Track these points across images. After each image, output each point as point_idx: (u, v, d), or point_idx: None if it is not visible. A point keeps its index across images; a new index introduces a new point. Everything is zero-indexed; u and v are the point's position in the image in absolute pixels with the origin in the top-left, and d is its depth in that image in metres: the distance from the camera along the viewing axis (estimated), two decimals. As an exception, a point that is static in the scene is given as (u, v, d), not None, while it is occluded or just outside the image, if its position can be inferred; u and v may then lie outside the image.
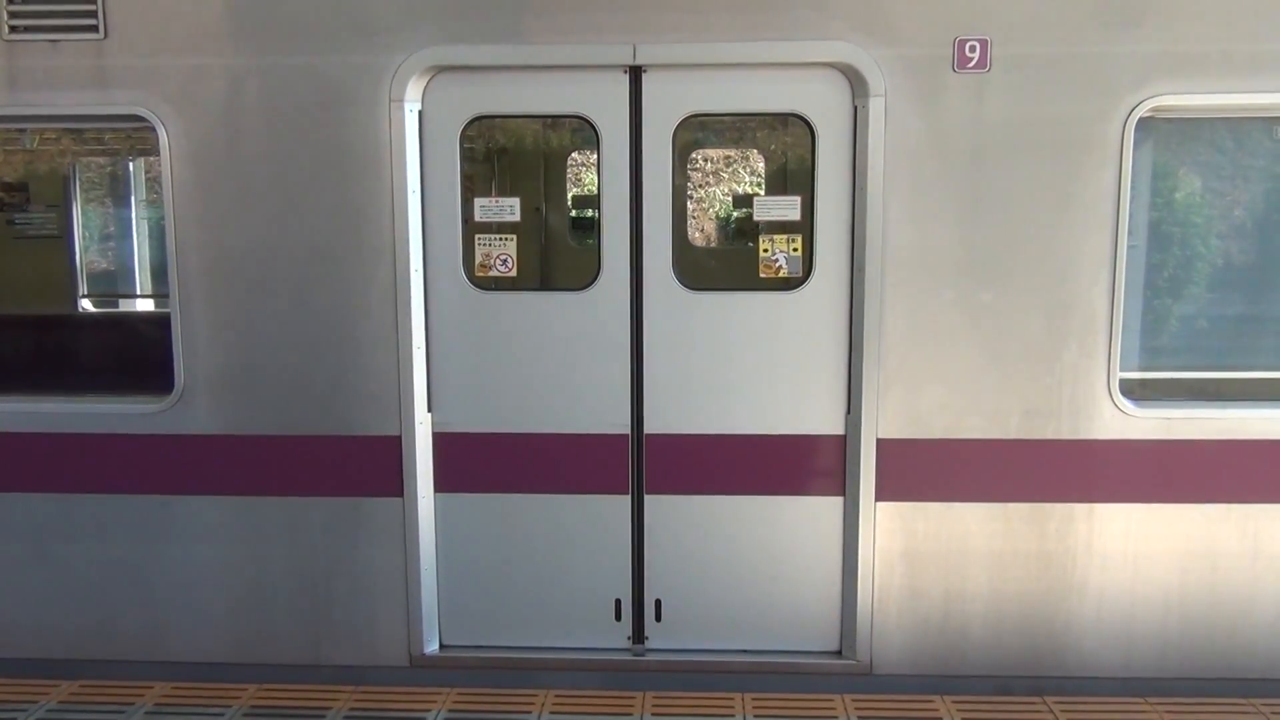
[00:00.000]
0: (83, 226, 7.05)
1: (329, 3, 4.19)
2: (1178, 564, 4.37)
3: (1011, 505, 4.35)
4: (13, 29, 4.28)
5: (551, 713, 4.34)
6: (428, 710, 4.38)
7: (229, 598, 4.57)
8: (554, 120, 5.00)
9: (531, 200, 6.54)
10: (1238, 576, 4.36)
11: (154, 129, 4.28)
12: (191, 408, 4.46)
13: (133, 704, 4.43)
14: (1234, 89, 4.08)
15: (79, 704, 4.42)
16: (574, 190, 7.77)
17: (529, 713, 4.33)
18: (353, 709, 4.39)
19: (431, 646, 4.60)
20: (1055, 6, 4.06)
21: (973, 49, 4.11)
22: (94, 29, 4.25)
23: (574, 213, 7.21)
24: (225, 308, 4.39)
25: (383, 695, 4.50)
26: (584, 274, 4.42)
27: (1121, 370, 4.31)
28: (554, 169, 6.66)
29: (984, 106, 4.13)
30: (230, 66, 4.24)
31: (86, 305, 7.46)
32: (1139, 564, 4.37)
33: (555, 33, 4.18)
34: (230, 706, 4.40)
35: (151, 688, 4.59)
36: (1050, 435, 4.29)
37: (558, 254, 6.64)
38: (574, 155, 7.69)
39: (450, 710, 4.38)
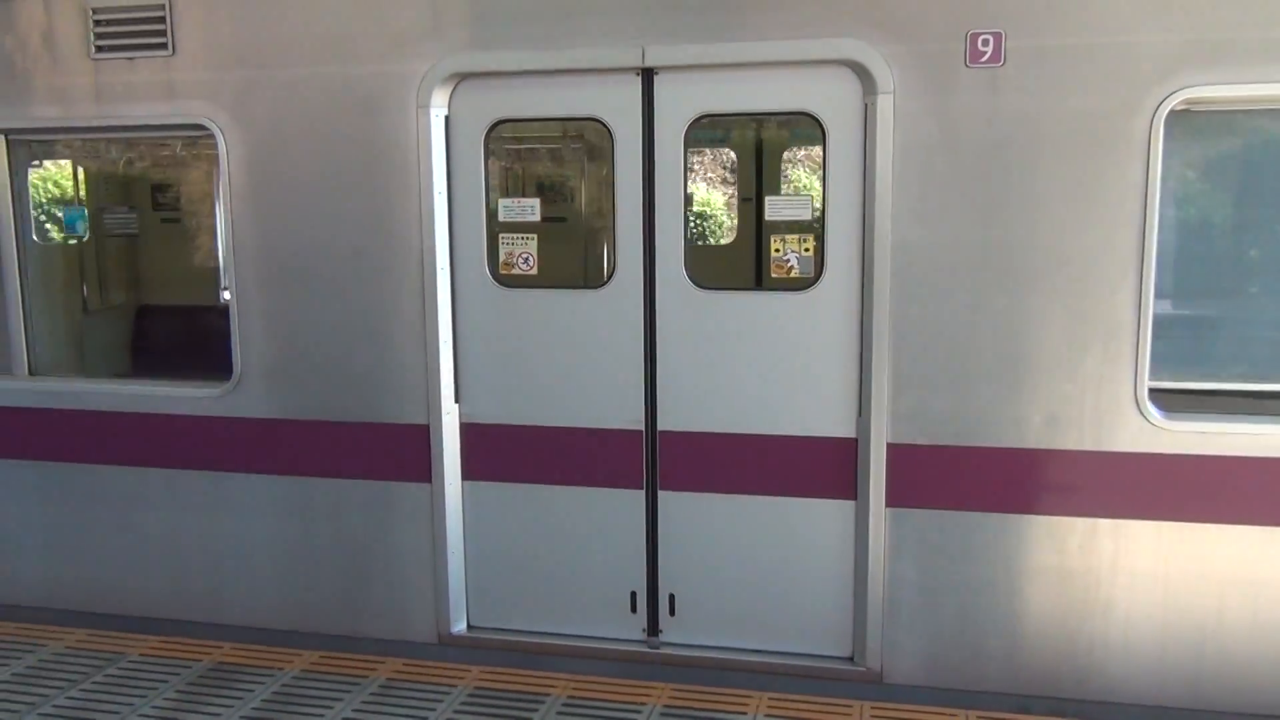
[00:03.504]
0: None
1: (364, 15, 4.45)
2: (1215, 590, 4.07)
3: (1030, 518, 4.17)
4: (98, 49, 4.76)
5: (571, 696, 4.48)
6: (455, 684, 4.60)
7: (280, 570, 4.95)
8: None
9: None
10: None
11: (214, 137, 4.68)
12: (247, 393, 4.85)
13: (201, 660, 4.87)
14: (1272, 79, 3.76)
15: (158, 658, 4.90)
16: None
17: (550, 694, 4.49)
18: (391, 678, 4.66)
19: (459, 626, 4.83)
20: None
21: (985, 43, 3.95)
22: (164, 46, 4.68)
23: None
24: (275, 302, 4.75)
25: (418, 668, 4.75)
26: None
27: (1157, 380, 4.06)
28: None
29: (998, 102, 3.97)
30: (277, 78, 4.58)
31: (226, 296, 8.14)
32: (1170, 587, 4.10)
33: (569, 37, 4.30)
34: (284, 670, 4.78)
35: (220, 647, 5.02)
36: (1071, 446, 4.09)
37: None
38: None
39: (476, 686, 4.58)
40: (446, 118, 4.51)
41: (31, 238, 6.51)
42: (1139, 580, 4.12)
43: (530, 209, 4.58)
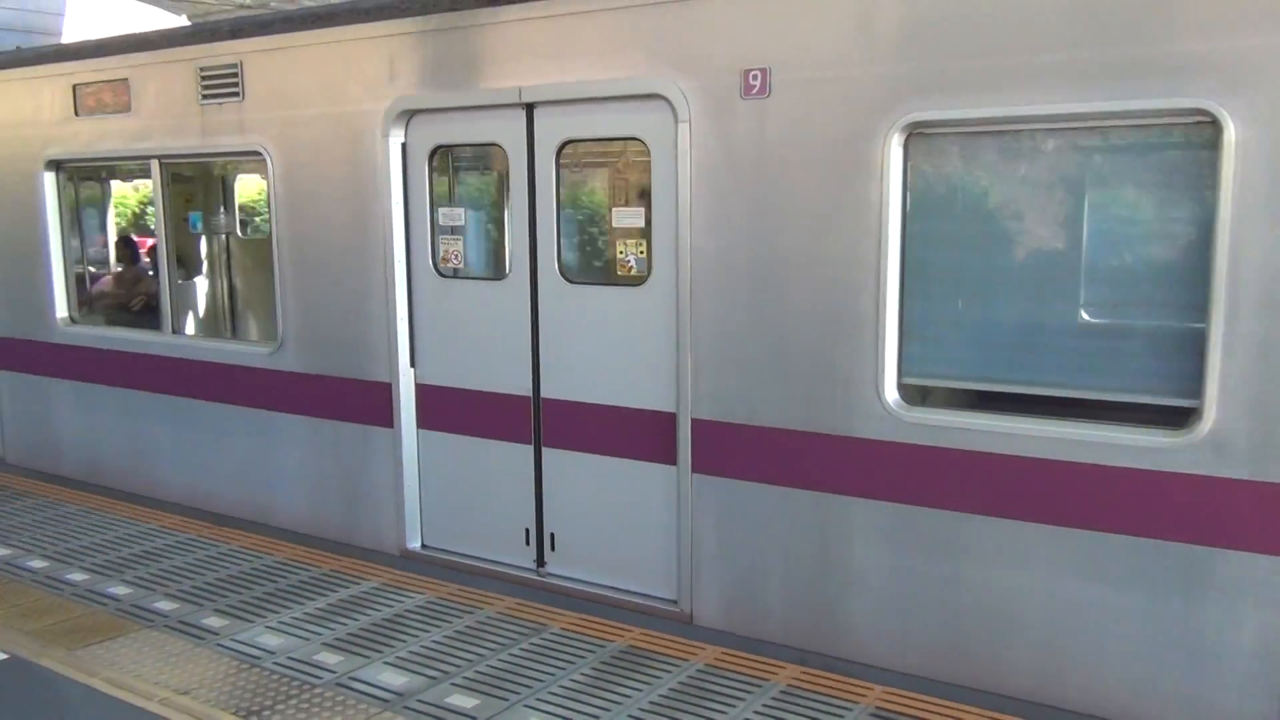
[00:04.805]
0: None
1: (348, 68, 5.87)
2: (941, 570, 4.43)
3: (796, 491, 4.75)
4: (205, 97, 6.57)
5: (473, 605, 5.57)
6: (406, 590, 5.87)
7: (307, 488, 6.51)
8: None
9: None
10: (993, 591, 4.32)
11: (265, 159, 6.31)
12: (287, 352, 6.45)
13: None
14: (986, 104, 4.12)
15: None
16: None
17: (482, 608, 5.51)
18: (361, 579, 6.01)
19: (414, 544, 6.13)
20: (823, 35, 4.42)
21: (755, 77, 4.61)
22: (237, 94, 6.38)
23: None
24: (301, 284, 6.31)
25: (379, 571, 6.09)
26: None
27: (914, 377, 4.51)
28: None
29: (767, 128, 4.61)
30: (302, 115, 6.12)
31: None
32: (907, 564, 4.51)
33: (478, 80, 5.44)
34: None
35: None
36: (825, 430, 4.63)
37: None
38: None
39: (423, 593, 5.79)
40: (404, 144, 5.81)
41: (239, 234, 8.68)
42: (882, 556, 4.57)
43: (459, 216, 5.78)
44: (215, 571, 5.97)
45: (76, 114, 7.33)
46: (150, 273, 10.12)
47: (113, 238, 10.03)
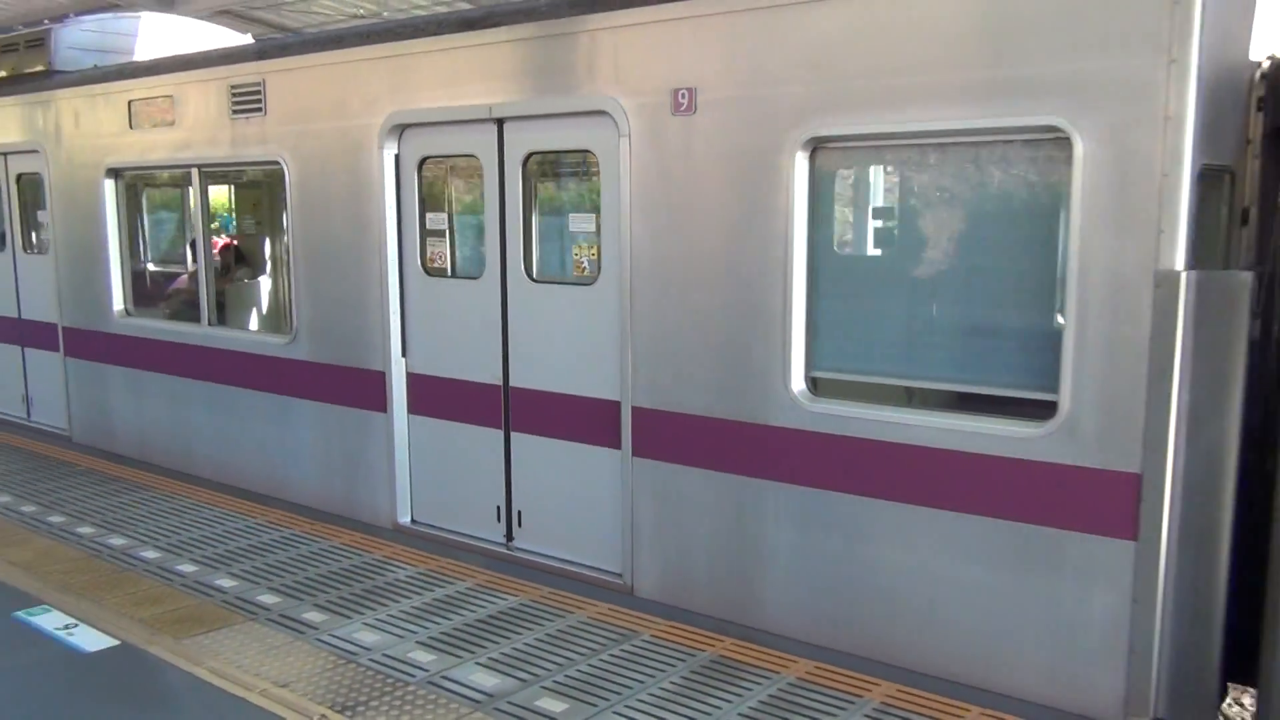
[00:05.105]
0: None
1: (351, 86, 6.50)
2: (840, 549, 4.81)
3: (718, 474, 5.18)
4: (235, 112, 7.29)
5: (448, 575, 6.12)
6: (395, 558, 6.47)
7: (318, 468, 7.16)
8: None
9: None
10: (882, 569, 4.69)
11: (283, 168, 6.99)
12: (299, 343, 7.12)
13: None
14: (875, 121, 4.51)
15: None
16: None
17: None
18: (355, 548, 6.64)
19: (405, 519, 6.73)
20: (740, 58, 4.86)
21: (683, 96, 5.08)
22: (260, 110, 7.08)
23: None
24: (311, 280, 6.97)
25: (373, 544, 6.70)
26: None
27: (820, 371, 4.91)
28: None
29: (693, 142, 5.07)
30: (313, 128, 6.78)
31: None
32: (811, 544, 4.90)
33: (458, 97, 6.01)
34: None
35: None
36: (743, 418, 5.05)
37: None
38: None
39: (406, 561, 6.39)
40: (396, 156, 6.41)
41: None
42: (790, 536, 4.97)
43: (443, 220, 6.36)
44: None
45: (131, 127, 8.15)
46: (223, 272, 11.03)
47: (188, 239, 10.94)
